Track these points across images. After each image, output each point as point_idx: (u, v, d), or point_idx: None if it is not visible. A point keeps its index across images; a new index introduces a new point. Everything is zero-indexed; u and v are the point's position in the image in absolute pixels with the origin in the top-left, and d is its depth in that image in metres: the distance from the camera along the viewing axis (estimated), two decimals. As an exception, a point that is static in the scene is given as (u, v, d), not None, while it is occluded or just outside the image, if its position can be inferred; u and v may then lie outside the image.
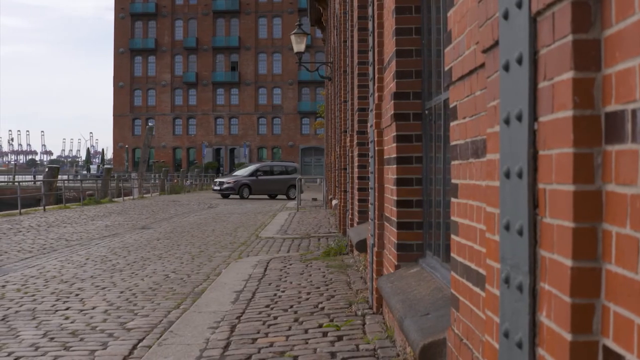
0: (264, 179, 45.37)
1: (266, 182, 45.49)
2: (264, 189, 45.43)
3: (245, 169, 48.92)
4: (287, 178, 46.40)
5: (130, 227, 22.87)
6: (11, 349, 7.35)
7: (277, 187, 46.06)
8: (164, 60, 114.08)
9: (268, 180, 45.70)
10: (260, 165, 49.43)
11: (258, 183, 45.01)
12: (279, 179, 46.32)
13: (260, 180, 45.00)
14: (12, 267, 13.41)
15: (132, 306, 9.61)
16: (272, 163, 51.74)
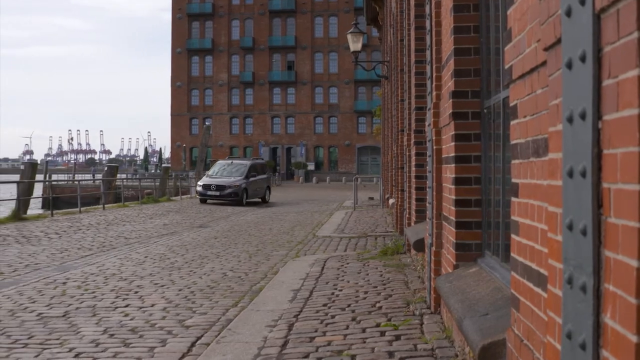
0: (253, 180, 38.51)
1: (255, 184, 38.88)
2: (254, 192, 38.86)
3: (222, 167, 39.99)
4: (266, 178, 41.32)
5: (188, 225, 23.06)
6: (72, 345, 7.46)
7: (262, 189, 40.22)
8: (221, 60, 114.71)
9: (257, 181, 39.09)
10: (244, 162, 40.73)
11: (251, 185, 38.09)
12: (262, 179, 40.17)
13: (251, 182, 38.14)
14: (72, 265, 13.60)
15: (190, 304, 9.70)
16: (243, 161, 41.36)
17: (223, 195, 36.11)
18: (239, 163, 40.07)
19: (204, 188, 36.82)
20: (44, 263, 13.72)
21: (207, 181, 37.37)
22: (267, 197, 40.41)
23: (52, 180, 50.66)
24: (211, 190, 36.35)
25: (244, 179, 37.26)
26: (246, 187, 37.07)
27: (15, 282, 11.53)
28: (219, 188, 36.32)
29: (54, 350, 7.25)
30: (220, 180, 37.05)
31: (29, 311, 9.23)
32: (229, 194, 36.08)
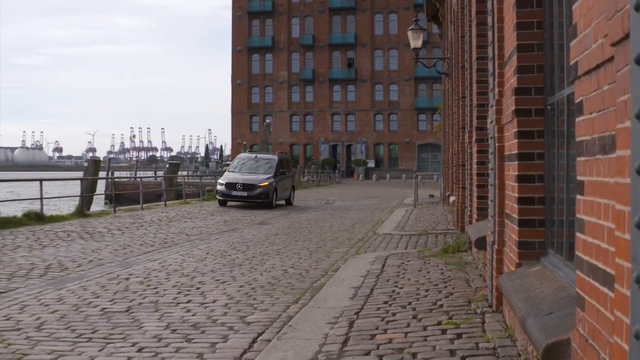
0: (282, 178, 32.88)
1: (283, 183, 33.09)
2: (282, 193, 33.14)
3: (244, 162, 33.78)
4: (291, 176, 35.74)
5: (248, 222, 23.19)
6: (135, 340, 7.55)
7: (287, 190, 34.15)
8: (280, 58, 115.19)
9: (284, 180, 33.31)
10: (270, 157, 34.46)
11: (279, 184, 32.39)
12: (288, 177, 34.32)
13: (280, 181, 32.50)
14: (135, 261, 13.76)
15: (251, 300, 9.75)
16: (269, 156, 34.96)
17: (252, 196, 30.56)
18: (266, 158, 34.07)
19: (227, 187, 30.87)
20: (107, 259, 13.90)
21: (231, 178, 31.39)
22: (291, 199, 34.62)
23: (115, 177, 51.39)
24: (237, 189, 30.57)
25: (273, 177, 31.75)
26: (276, 187, 31.74)
27: (79, 277, 11.70)
28: (247, 187, 30.58)
29: (117, 345, 7.34)
30: (247, 177, 31.35)
31: (93, 306, 9.36)
32: (258, 195, 30.60)
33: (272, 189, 31.18)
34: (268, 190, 30.91)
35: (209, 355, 6.93)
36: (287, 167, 34.75)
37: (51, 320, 8.48)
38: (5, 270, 12.19)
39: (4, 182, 26.14)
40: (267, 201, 30.87)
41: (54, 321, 8.45)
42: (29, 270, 12.21)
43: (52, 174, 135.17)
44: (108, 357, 6.88)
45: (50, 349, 7.17)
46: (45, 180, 23.69)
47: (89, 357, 6.90)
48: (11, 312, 8.97)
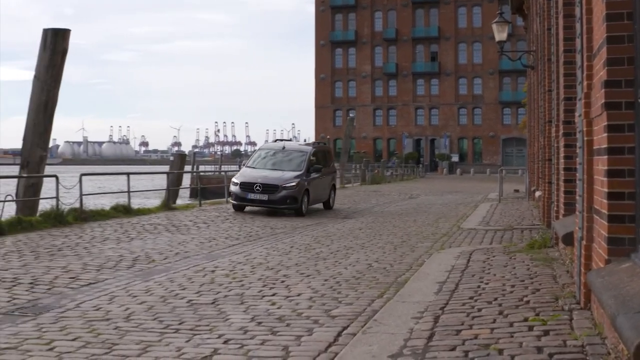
0: (317, 177, 25.48)
1: (319, 182, 25.73)
2: (317, 195, 25.73)
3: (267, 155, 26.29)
4: (331, 173, 28.18)
5: (332, 216, 23.24)
6: (221, 332, 7.65)
7: (325, 190, 26.76)
8: (364, 52, 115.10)
9: (321, 178, 25.88)
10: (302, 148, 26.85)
11: (313, 184, 25.03)
12: (326, 174, 26.81)
13: (314, 180, 25.14)
14: (220, 253, 13.93)
15: (336, 294, 9.77)
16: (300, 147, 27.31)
17: (274, 200, 23.39)
18: (295, 149, 26.39)
19: (242, 188, 23.62)
20: (193, 251, 14.09)
21: (248, 176, 24.13)
22: (331, 201, 27.32)
23: (200, 171, 51.99)
24: (254, 191, 23.33)
25: (304, 175, 24.40)
26: (308, 188, 24.26)
27: (166, 269, 11.89)
28: (268, 189, 23.38)
29: (204, 336, 7.45)
30: (269, 176, 24.03)
31: (180, 298, 9.51)
32: (282, 199, 23.41)
33: (302, 190, 23.79)
34: (296, 192, 23.52)
35: (294, 348, 6.97)
36: (325, 161, 27.20)
37: (139, 311, 8.65)
38: (95, 261, 12.46)
39: (93, 176, 26.66)
40: (295, 207, 23.56)
41: (142, 312, 8.61)
42: (117, 262, 12.45)
43: (138, 167, 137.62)
44: (195, 348, 6.98)
45: (139, 339, 7.31)
46: (132, 174, 24.09)
47: (176, 347, 7.02)
48: (100, 302, 9.18)
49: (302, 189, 23.81)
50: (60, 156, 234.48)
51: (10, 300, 9.25)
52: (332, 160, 29.52)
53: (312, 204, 25.22)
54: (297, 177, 23.98)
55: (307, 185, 24.22)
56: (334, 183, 28.16)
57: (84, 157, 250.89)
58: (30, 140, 18.75)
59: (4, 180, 22.68)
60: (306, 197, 24.11)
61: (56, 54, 18.78)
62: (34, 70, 19.03)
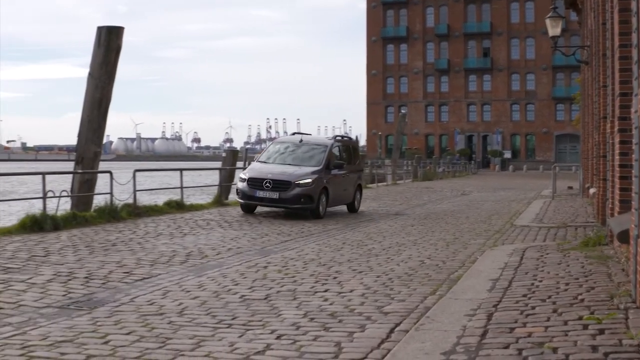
0: (338, 174, 22.48)
1: (340, 181, 22.69)
2: (338, 195, 22.61)
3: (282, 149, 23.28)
4: (356, 171, 24.73)
5: (384, 212, 23.21)
6: (274, 327, 7.68)
7: (349, 190, 23.48)
8: (415, 48, 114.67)
9: (343, 176, 22.85)
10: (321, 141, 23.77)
11: (333, 183, 22.09)
12: (350, 172, 23.59)
13: (334, 178, 22.22)
14: (272, 249, 13.98)
15: (388, 290, 9.76)
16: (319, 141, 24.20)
17: (285, 199, 20.65)
18: (314, 143, 23.34)
19: (250, 185, 20.98)
20: (245, 247, 14.16)
21: (257, 171, 21.55)
22: (356, 204, 23.99)
23: (252, 167, 52.04)
24: (264, 189, 20.68)
25: (322, 171, 21.59)
26: (326, 186, 21.49)
27: (219, 264, 11.97)
28: (278, 185, 20.67)
29: (256, 332, 7.48)
30: (281, 171, 21.38)
31: (232, 293, 9.56)
32: (295, 198, 20.64)
33: (319, 188, 21.05)
34: (312, 190, 20.79)
35: (346, 345, 6.98)
36: (350, 157, 24.05)
37: (192, 306, 8.72)
38: (148, 256, 12.58)
39: (147, 172, 26.92)
40: (311, 207, 20.83)
41: (195, 307, 8.68)
42: (170, 257, 12.56)
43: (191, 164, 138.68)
44: (248, 344, 7.02)
45: (192, 334, 7.37)
46: (185, 170, 24.29)
47: (229, 342, 7.06)
48: (154, 297, 9.27)
49: (319, 186, 20.99)
50: (114, 152, 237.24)
51: (65, 294, 9.38)
52: (359, 156, 26.02)
53: (332, 204, 22.22)
54: (314, 173, 21.18)
55: (325, 183, 21.37)
56: (360, 183, 24.66)
57: (137, 153, 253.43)
58: (85, 136, 18.97)
59: (60, 176, 22.95)
60: (324, 196, 21.26)
61: (110, 51, 18.97)
62: (89, 67, 19.24)
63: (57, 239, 14.51)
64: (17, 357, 6.53)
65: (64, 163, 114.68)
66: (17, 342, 7.05)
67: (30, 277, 10.36)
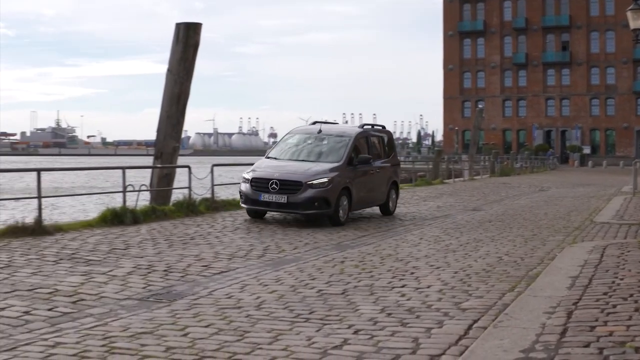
0: (364, 170, 18.94)
1: (368, 179, 19.22)
2: (365, 196, 19.08)
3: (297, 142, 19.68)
4: (390, 166, 20.76)
5: (461, 208, 23.05)
6: (351, 322, 7.71)
7: (380, 189, 19.92)
8: (492, 42, 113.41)
9: (372, 173, 19.37)
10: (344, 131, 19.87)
11: (358, 181, 18.57)
12: (381, 168, 19.94)
13: (359, 175, 18.67)
14: (349, 244, 14.01)
15: (466, 287, 9.71)
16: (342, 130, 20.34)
17: (295, 203, 17.03)
18: (335, 133, 19.39)
19: (254, 186, 17.46)
20: (322, 242, 14.20)
21: (262, 170, 17.95)
22: (391, 204, 20.48)
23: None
24: (270, 191, 17.10)
25: (343, 168, 17.96)
26: (348, 186, 17.84)
27: (295, 259, 12.03)
28: (286, 187, 17.11)
29: (333, 326, 7.51)
30: (291, 169, 17.83)
31: (309, 287, 9.61)
32: (308, 201, 16.97)
33: (338, 189, 17.39)
34: (328, 191, 17.10)
35: (424, 340, 6.97)
36: (381, 150, 20.62)
37: (270, 300, 8.78)
38: (226, 250, 12.70)
39: (224, 166, 27.21)
40: (327, 212, 17.23)
41: (272, 301, 8.75)
42: (248, 251, 12.66)
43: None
44: (325, 338, 7.05)
45: (270, 328, 7.43)
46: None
47: (307, 337, 7.10)
48: (232, 290, 9.36)
49: (337, 187, 17.32)
50: (192, 147, 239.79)
51: (145, 286, 9.54)
52: (394, 149, 21.75)
53: (357, 207, 18.87)
54: (332, 171, 17.51)
55: (347, 183, 17.74)
56: (395, 180, 20.90)
57: (214, 148, 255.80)
58: (164, 131, 19.22)
59: (139, 170, 23.30)
60: (346, 198, 17.61)
61: (188, 48, 19.18)
62: (167, 64, 19.48)
63: (136, 232, 14.74)
64: (99, 348, 6.66)
65: (143, 158, 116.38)
66: (98, 332, 7.20)
67: (111, 269, 10.56)
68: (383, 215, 20.10)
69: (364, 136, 19.64)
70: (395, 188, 20.86)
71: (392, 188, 20.57)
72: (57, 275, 10.02)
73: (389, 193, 20.30)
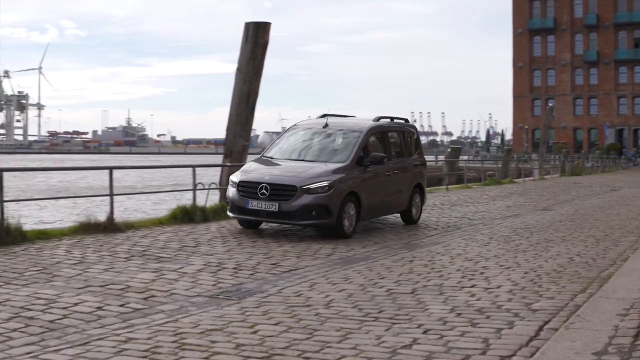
0: (376, 172, 15.79)
1: (383, 182, 16.17)
2: (381, 203, 16.22)
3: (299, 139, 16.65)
4: (413, 166, 17.86)
5: (531, 208, 22.78)
6: (420, 322, 7.68)
7: (400, 194, 17.01)
8: (563, 40, 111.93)
9: (388, 175, 16.30)
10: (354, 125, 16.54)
11: (369, 185, 15.48)
12: (401, 169, 17.02)
13: (372, 178, 15.65)
14: (418, 243, 13.94)
15: (536, 287, 9.61)
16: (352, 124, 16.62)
17: (287, 212, 14.19)
18: (344, 128, 16.42)
19: (241, 192, 14.70)
20: (391, 241, 14.14)
21: (252, 173, 15.11)
22: (414, 211, 17.54)
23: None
24: (259, 197, 14.32)
25: (349, 168, 15.07)
26: (356, 190, 14.93)
27: (364, 258, 12.02)
28: (278, 192, 14.30)
29: (403, 326, 7.49)
30: (285, 172, 14.98)
31: (379, 286, 9.59)
32: (302, 210, 14.13)
33: (342, 195, 14.44)
34: (327, 198, 14.19)
35: (494, 341, 6.91)
36: (403, 146, 17.72)
37: (339, 299, 8.79)
38: (295, 249, 12.76)
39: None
40: (327, 223, 14.25)
41: (341, 299, 8.75)
42: (316, 250, 12.68)
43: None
44: (394, 337, 7.04)
45: (339, 326, 7.44)
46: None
47: (376, 336, 7.09)
48: (301, 289, 9.39)
49: (341, 192, 14.42)
50: (260, 146, 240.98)
51: (215, 284, 9.62)
52: (419, 146, 18.77)
53: (369, 216, 15.88)
54: (335, 173, 14.63)
55: (354, 186, 14.87)
56: (419, 182, 17.90)
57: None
58: (233, 130, 19.33)
59: (208, 169, 23.47)
60: (353, 205, 14.69)
61: (257, 47, 19.26)
62: (235, 63, 19.60)
63: (206, 230, 14.87)
64: (170, 344, 6.74)
65: (212, 156, 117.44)
66: (169, 329, 7.28)
67: (181, 266, 10.68)
68: (406, 224, 17.23)
69: (379, 131, 16.69)
70: (420, 192, 17.88)
71: (417, 192, 17.63)
72: (128, 271, 10.17)
73: (411, 198, 17.34)
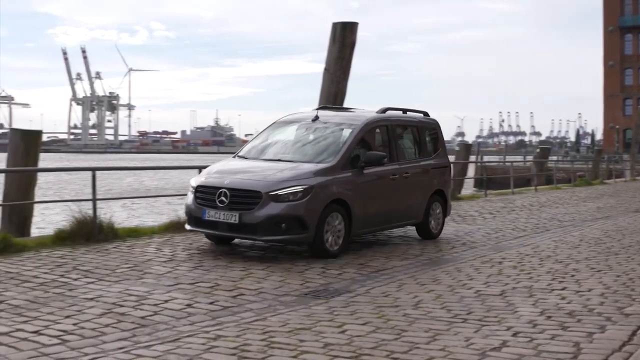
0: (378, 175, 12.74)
1: (385, 188, 12.95)
2: (384, 214, 12.93)
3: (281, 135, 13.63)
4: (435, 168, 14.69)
5: (623, 209, 22.33)
6: (510, 324, 7.60)
7: (417, 202, 13.90)
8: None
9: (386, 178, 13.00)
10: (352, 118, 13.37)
11: (365, 192, 12.33)
12: (418, 171, 14.05)
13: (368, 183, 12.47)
14: (507, 245, 13.78)
15: (629, 291, 9.43)
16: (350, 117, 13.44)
17: (249, 225, 11.18)
18: (338, 122, 13.32)
19: (198, 199, 11.85)
20: (479, 242, 14.02)
21: (212, 175, 12.18)
22: (432, 224, 14.31)
23: (485, 161, 51.72)
24: (217, 206, 11.44)
25: (335, 169, 12.00)
26: (344, 198, 11.85)
27: (453, 259, 11.95)
28: (238, 200, 11.33)
29: (492, 328, 7.42)
30: (253, 174, 11.90)
31: (467, 288, 9.52)
32: (268, 222, 11.12)
33: (323, 203, 11.53)
34: (301, 207, 11.30)
35: (585, 345, 6.80)
36: (415, 145, 14.60)
37: (427, 299, 8.75)
38: (382, 249, 12.74)
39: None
40: (300, 239, 11.50)
41: (429, 300, 8.71)
42: (404, 251, 12.65)
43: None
44: (483, 339, 6.98)
45: (427, 327, 7.41)
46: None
47: (465, 337, 7.04)
48: (389, 289, 9.37)
49: (321, 200, 11.52)
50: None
51: (303, 283, 9.67)
52: (442, 144, 15.47)
53: (366, 229, 12.84)
54: (315, 175, 11.73)
55: (342, 193, 11.91)
56: (440, 188, 14.75)
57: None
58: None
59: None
60: (339, 217, 11.77)
61: (345, 47, 19.25)
62: (322, 63, 19.65)
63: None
64: (259, 342, 6.80)
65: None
66: (258, 327, 7.34)
67: (269, 265, 10.75)
68: (422, 239, 14.25)
69: (381, 125, 13.62)
70: (441, 200, 14.74)
71: (436, 200, 14.54)
72: (217, 270, 10.29)
73: (429, 208, 14.28)
